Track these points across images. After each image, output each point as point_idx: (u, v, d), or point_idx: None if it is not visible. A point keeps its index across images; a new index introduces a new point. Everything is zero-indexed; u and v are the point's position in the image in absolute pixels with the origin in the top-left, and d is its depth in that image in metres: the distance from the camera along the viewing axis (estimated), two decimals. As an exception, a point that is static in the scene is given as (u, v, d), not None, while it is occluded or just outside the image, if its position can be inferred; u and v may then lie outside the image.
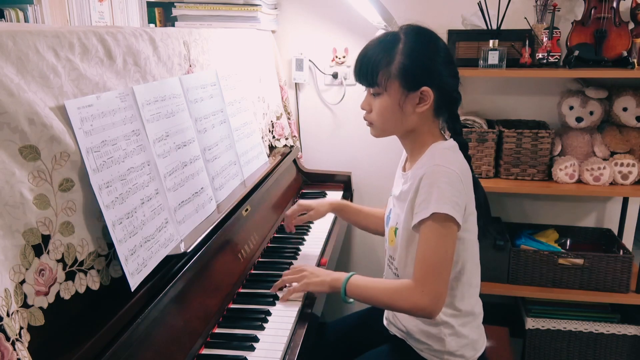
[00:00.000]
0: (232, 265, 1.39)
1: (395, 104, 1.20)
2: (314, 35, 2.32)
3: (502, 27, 2.00)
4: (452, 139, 1.26)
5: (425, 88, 1.18)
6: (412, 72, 1.17)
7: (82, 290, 0.93)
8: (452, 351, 1.25)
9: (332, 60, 2.32)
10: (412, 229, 1.18)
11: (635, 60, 1.89)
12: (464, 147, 1.27)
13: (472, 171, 1.26)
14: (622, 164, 1.98)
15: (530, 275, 2.06)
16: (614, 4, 1.93)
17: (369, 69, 1.20)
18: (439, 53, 1.20)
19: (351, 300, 1.27)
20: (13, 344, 0.71)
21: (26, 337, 0.77)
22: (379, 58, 1.18)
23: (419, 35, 1.20)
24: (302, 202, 1.62)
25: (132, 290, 0.98)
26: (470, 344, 1.27)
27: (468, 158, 1.26)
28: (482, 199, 1.29)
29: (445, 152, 1.21)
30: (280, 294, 1.35)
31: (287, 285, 1.36)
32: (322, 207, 1.59)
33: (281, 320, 1.26)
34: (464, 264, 1.24)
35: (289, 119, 2.30)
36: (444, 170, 1.14)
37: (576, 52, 1.93)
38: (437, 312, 1.15)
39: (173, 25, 2.09)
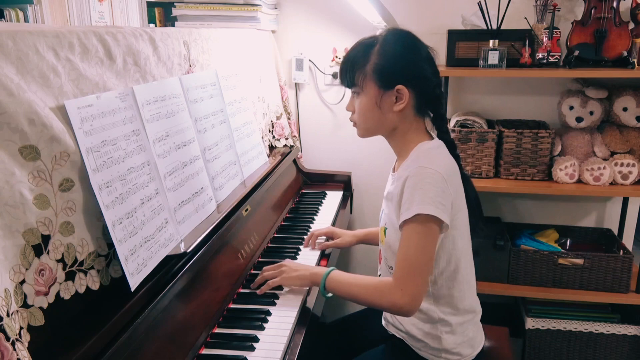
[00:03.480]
0: (232, 265, 1.39)
1: (372, 103, 1.24)
2: (314, 35, 2.32)
3: (502, 27, 2.00)
4: (437, 138, 1.28)
5: (400, 86, 1.21)
6: (386, 71, 1.21)
7: (82, 290, 0.93)
8: (448, 349, 1.26)
9: (332, 60, 2.32)
10: (398, 229, 1.19)
11: (635, 60, 1.89)
12: (451, 147, 1.28)
13: (461, 168, 1.27)
14: (622, 164, 1.98)
15: (530, 275, 2.06)
16: (614, 4, 1.93)
17: (347, 69, 1.26)
18: (415, 52, 1.23)
19: (330, 294, 1.29)
20: (13, 344, 0.71)
21: (26, 337, 0.77)
22: (356, 59, 1.24)
23: (395, 37, 1.24)
24: (332, 228, 1.72)
25: (132, 290, 0.98)
26: (467, 341, 1.28)
27: (457, 157, 1.27)
28: (472, 197, 1.30)
29: (429, 152, 1.23)
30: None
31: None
32: (348, 237, 1.67)
33: (281, 320, 1.26)
34: (457, 263, 1.25)
35: (289, 119, 2.30)
36: (427, 172, 1.16)
37: (576, 52, 1.93)
38: (414, 311, 1.17)
39: (173, 25, 2.09)
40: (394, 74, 1.21)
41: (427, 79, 1.23)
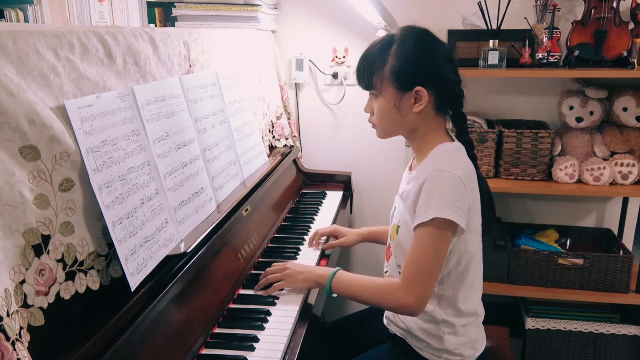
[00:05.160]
0: (232, 265, 1.39)
1: (391, 105, 1.22)
2: (314, 35, 2.32)
3: (502, 27, 2.00)
4: (457, 141, 1.27)
5: (419, 88, 1.19)
6: (404, 73, 1.19)
7: (82, 290, 0.93)
8: (450, 350, 1.26)
9: (332, 60, 2.32)
10: (412, 230, 1.19)
11: (635, 60, 1.89)
12: (469, 146, 1.27)
13: (478, 169, 1.26)
14: (622, 164, 1.98)
15: (530, 275, 2.06)
16: (614, 4, 1.93)
17: (365, 72, 1.23)
18: (433, 52, 1.20)
19: (335, 295, 1.29)
20: (13, 344, 0.71)
21: (26, 337, 0.77)
22: (373, 61, 1.21)
23: (412, 36, 1.21)
24: (336, 226, 1.71)
25: (132, 290, 0.98)
26: (469, 343, 1.28)
27: (473, 157, 1.26)
28: (486, 197, 1.29)
29: (448, 154, 1.21)
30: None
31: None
32: (352, 235, 1.67)
33: (281, 320, 1.26)
34: (467, 265, 1.24)
35: (289, 119, 2.30)
36: (446, 175, 1.15)
37: (576, 52, 1.93)
38: (419, 312, 1.18)
39: (173, 25, 2.09)
40: (412, 75, 1.18)
41: (446, 78, 1.21)
